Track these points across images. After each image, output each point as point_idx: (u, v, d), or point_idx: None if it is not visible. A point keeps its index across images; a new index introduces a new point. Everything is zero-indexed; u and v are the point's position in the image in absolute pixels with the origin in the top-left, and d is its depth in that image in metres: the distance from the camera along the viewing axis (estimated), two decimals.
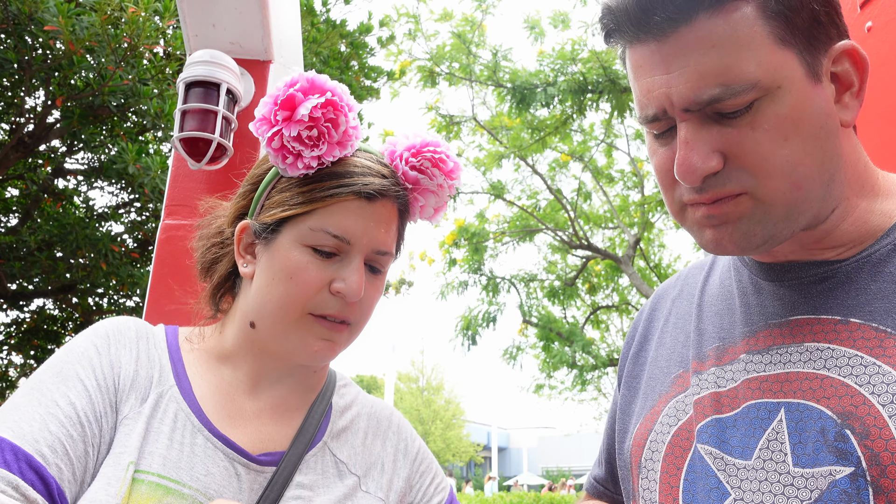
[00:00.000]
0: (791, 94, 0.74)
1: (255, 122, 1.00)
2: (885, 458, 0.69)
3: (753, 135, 0.75)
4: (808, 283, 0.84)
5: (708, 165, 0.76)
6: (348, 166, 1.02)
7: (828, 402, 0.74)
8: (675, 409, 0.90)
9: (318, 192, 1.00)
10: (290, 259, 0.99)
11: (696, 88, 0.74)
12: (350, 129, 1.01)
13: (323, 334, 1.01)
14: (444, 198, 1.13)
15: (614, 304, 14.28)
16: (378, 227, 1.02)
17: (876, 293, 0.78)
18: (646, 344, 1.06)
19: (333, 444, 1.09)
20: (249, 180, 1.12)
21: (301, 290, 0.98)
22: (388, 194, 1.03)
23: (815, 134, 0.76)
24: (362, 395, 1.22)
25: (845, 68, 0.79)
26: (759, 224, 0.78)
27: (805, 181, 0.76)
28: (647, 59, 0.78)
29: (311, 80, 0.99)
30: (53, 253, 6.73)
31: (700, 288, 1.01)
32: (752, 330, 0.87)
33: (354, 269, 0.99)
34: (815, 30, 0.76)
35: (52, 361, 0.96)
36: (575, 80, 10.08)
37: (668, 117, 0.79)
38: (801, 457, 0.74)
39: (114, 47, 5.05)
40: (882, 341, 0.74)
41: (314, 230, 0.99)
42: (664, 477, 0.87)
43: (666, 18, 0.74)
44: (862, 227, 0.83)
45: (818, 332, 0.80)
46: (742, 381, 0.83)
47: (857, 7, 1.48)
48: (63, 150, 7.18)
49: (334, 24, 7.68)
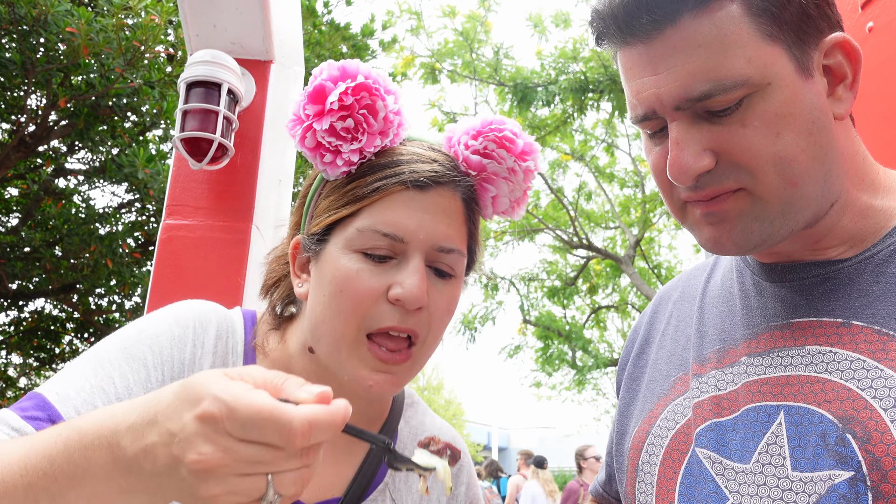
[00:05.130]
0: (781, 89, 0.74)
1: (288, 123, 0.90)
2: (886, 462, 0.68)
3: (744, 132, 0.74)
4: (809, 284, 0.83)
5: (699, 164, 0.76)
6: (394, 156, 0.89)
7: (829, 405, 0.73)
8: (673, 412, 0.89)
9: (362, 189, 0.87)
10: (340, 269, 0.86)
11: (685, 86, 0.74)
12: (391, 115, 0.89)
13: (377, 367, 0.86)
14: (521, 185, 0.97)
15: (614, 305, 14.27)
16: (437, 219, 0.87)
17: (879, 295, 0.77)
18: (647, 347, 1.05)
19: (394, 486, 0.97)
20: (301, 193, 1.00)
21: (354, 303, 0.85)
22: (444, 181, 0.89)
23: (808, 129, 0.75)
24: (430, 421, 1.09)
25: (838, 61, 0.79)
26: (757, 221, 0.77)
27: (800, 177, 0.75)
28: (635, 61, 0.79)
29: (341, 67, 0.88)
30: (54, 252, 6.73)
31: (701, 290, 1.00)
32: (754, 332, 0.86)
33: (414, 271, 0.85)
34: (804, 24, 0.76)
35: (121, 335, 0.88)
36: (576, 79, 10.08)
37: (660, 117, 0.79)
38: (800, 461, 0.73)
39: (122, 50, 5.08)
40: (885, 344, 0.73)
41: (362, 231, 0.86)
42: (661, 481, 0.86)
43: (651, 21, 0.75)
44: (862, 224, 0.82)
45: (820, 335, 0.79)
46: (742, 384, 0.82)
47: (858, 7, 1.48)
48: (64, 151, 7.18)
49: (337, 27, 7.69)
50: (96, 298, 7.92)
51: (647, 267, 13.63)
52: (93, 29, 4.92)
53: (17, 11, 4.88)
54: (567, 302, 13.65)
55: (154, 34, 5.06)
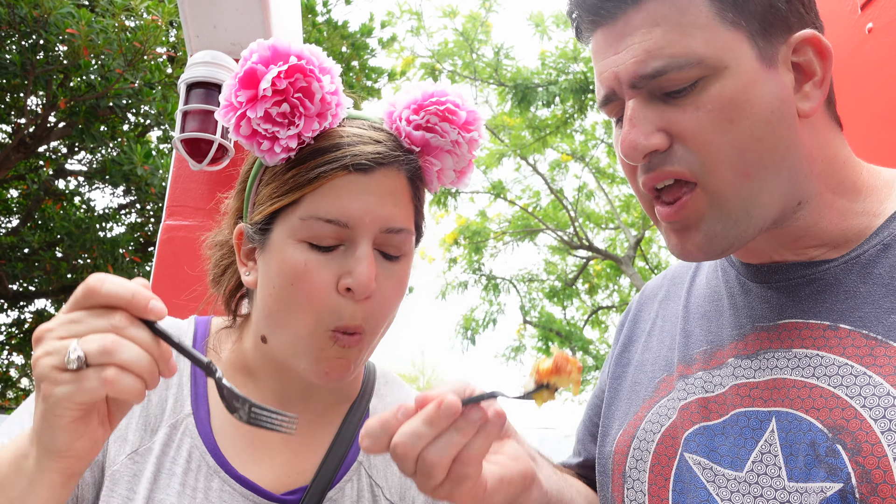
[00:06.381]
0: (738, 76, 0.74)
1: (219, 111, 0.86)
2: (876, 475, 0.66)
3: (697, 114, 0.74)
4: (795, 285, 0.81)
5: (650, 142, 0.75)
6: (334, 138, 0.86)
7: (817, 413, 0.72)
8: (658, 413, 0.87)
9: (303, 175, 0.84)
10: (287, 260, 0.84)
11: (642, 62, 0.75)
12: (328, 96, 0.85)
13: (338, 353, 0.85)
14: (466, 156, 0.95)
15: (614, 305, 14.27)
16: (382, 201, 0.85)
17: (865, 297, 0.75)
18: (630, 345, 1.03)
19: (369, 463, 0.95)
20: (241, 177, 0.97)
21: (306, 297, 0.83)
22: (387, 162, 0.86)
23: (766, 118, 0.74)
24: (406, 397, 1.06)
25: (808, 58, 0.78)
26: (720, 222, 0.76)
27: (754, 168, 0.74)
28: (600, 44, 0.81)
29: (271, 46, 0.83)
30: (54, 254, 6.74)
31: (687, 288, 0.98)
32: (741, 333, 0.84)
33: (361, 258, 0.83)
34: (770, 16, 0.76)
35: None
36: (577, 80, 10.08)
37: (619, 98, 0.80)
38: (793, 470, 0.71)
39: (123, 51, 5.09)
40: (873, 349, 0.71)
41: (306, 220, 0.83)
42: (653, 489, 0.84)
43: (615, 3, 0.77)
44: (844, 226, 0.80)
45: (806, 337, 0.77)
46: (730, 387, 0.81)
47: (857, 8, 1.48)
48: (64, 152, 7.19)
49: (336, 26, 7.71)
50: None
51: (647, 267, 13.63)
52: (93, 30, 4.93)
53: (17, 13, 4.89)
54: (567, 303, 13.65)
55: (155, 35, 5.07)
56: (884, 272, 0.75)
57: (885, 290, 0.74)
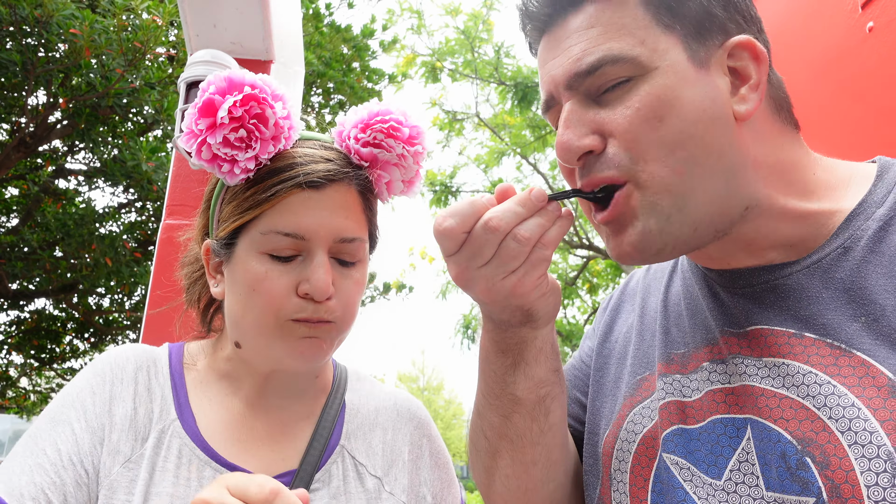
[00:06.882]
0: (668, 76, 0.75)
1: (181, 137, 0.94)
2: (845, 490, 0.65)
3: (627, 113, 0.75)
4: (760, 291, 0.81)
5: (582, 143, 0.76)
6: (288, 159, 0.95)
7: (786, 423, 0.72)
8: (640, 415, 0.88)
9: (261, 194, 0.93)
10: (249, 271, 0.93)
11: (576, 61, 0.77)
12: (281, 121, 0.94)
13: (306, 332, 0.93)
14: (412, 167, 1.03)
15: None
16: (334, 214, 0.94)
17: (829, 303, 0.74)
18: (609, 335, 1.03)
19: (351, 446, 1.03)
20: (205, 197, 1.05)
21: (267, 301, 0.92)
22: (338, 178, 0.95)
23: (696, 118, 0.74)
24: (380, 389, 1.15)
25: (744, 63, 0.78)
26: (653, 217, 0.75)
27: (685, 165, 0.74)
28: (543, 50, 0.83)
29: (227, 78, 0.92)
30: (54, 253, 6.74)
31: (665, 285, 0.98)
32: (714, 337, 0.84)
33: (318, 266, 0.92)
34: (707, 21, 0.77)
35: (50, 406, 0.95)
36: None
37: (558, 102, 0.81)
38: (770, 480, 0.71)
39: (124, 51, 5.10)
40: (837, 359, 0.71)
41: (265, 234, 0.92)
42: (633, 490, 0.84)
43: (556, 9, 0.80)
44: (803, 228, 0.79)
45: (772, 344, 0.76)
46: (706, 392, 0.80)
47: (858, 7, 1.48)
48: (64, 151, 7.19)
49: (338, 28, 7.72)
50: (96, 298, 7.94)
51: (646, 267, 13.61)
52: (95, 31, 4.94)
53: (18, 12, 4.89)
54: (567, 302, 13.65)
55: (155, 35, 5.07)
56: (844, 276, 0.74)
57: (846, 296, 0.73)
